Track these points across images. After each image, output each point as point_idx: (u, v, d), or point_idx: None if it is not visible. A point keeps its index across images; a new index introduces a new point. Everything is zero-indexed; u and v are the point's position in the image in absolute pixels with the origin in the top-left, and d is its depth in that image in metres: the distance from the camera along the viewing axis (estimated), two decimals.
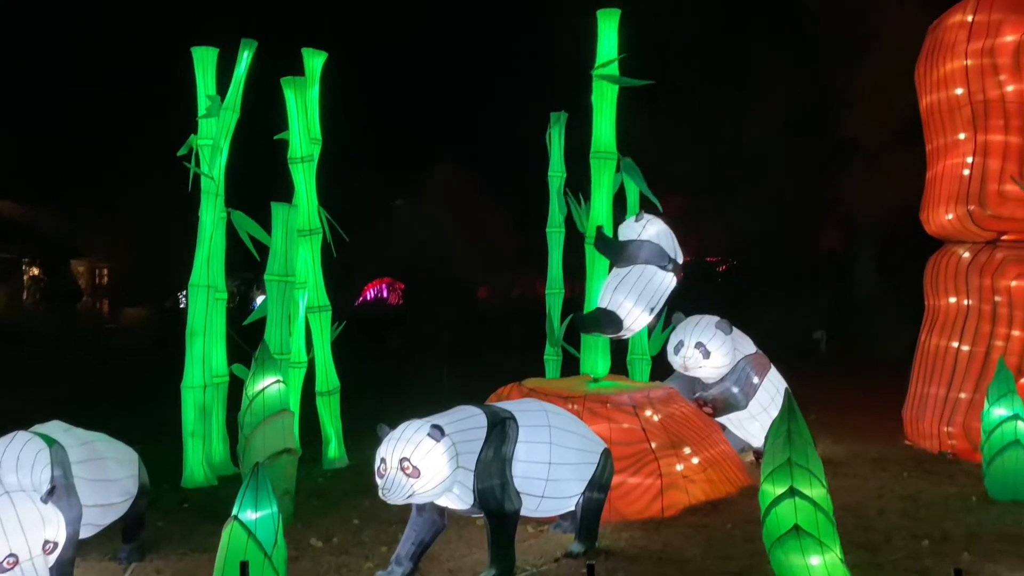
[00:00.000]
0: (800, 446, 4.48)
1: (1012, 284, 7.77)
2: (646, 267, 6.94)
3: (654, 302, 6.98)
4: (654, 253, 6.96)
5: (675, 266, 7.04)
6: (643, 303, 6.92)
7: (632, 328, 7.13)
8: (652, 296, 6.95)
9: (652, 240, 6.98)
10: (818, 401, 10.56)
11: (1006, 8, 7.74)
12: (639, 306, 6.94)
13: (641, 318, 7.00)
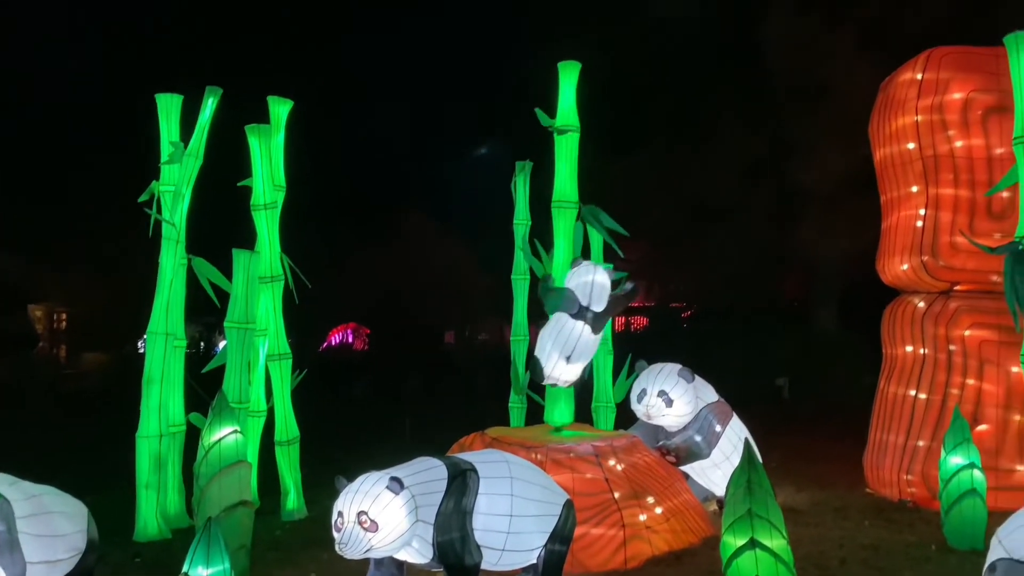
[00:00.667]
0: (760, 497, 4.49)
1: (966, 333, 7.93)
2: (559, 315, 6.88)
3: (568, 351, 6.81)
4: (568, 301, 6.87)
5: (590, 315, 6.84)
6: (558, 351, 6.81)
7: (555, 376, 6.93)
8: (565, 344, 6.81)
9: (570, 287, 6.93)
10: (781, 448, 10.60)
11: (953, 67, 8.03)
12: (555, 354, 6.82)
13: (559, 366, 6.83)
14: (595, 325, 6.89)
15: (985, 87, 7.87)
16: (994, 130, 7.81)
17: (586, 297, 6.88)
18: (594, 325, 6.88)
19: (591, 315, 6.85)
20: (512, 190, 8.69)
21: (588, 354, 6.98)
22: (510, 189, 8.70)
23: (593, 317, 6.87)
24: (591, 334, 6.89)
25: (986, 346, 7.81)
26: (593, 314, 6.86)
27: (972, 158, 7.92)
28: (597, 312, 6.88)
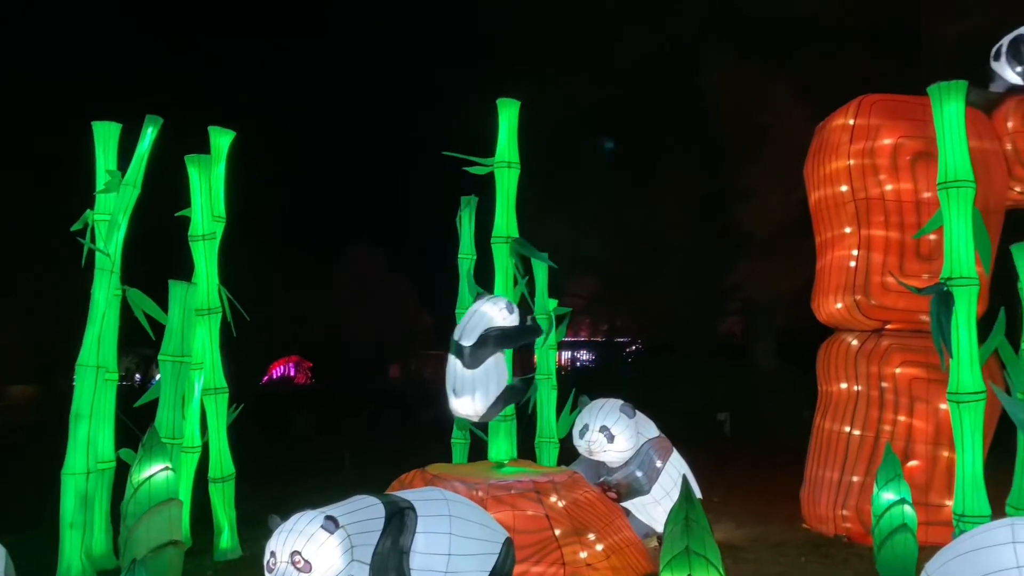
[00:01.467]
0: (698, 534, 4.51)
1: (897, 371, 8.15)
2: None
3: (449, 384, 6.79)
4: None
5: (458, 349, 6.74)
6: (447, 385, 6.83)
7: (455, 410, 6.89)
8: (446, 378, 6.83)
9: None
10: (721, 484, 10.71)
11: (883, 114, 8.35)
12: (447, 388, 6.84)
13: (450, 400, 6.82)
14: (466, 359, 6.66)
15: (913, 134, 8.20)
16: (921, 175, 8.11)
17: (458, 332, 6.80)
18: (465, 359, 6.66)
19: (460, 349, 6.71)
20: (457, 224, 8.73)
21: (472, 388, 6.71)
22: (456, 223, 8.73)
23: (462, 351, 6.68)
24: (463, 368, 6.71)
25: (916, 384, 8.03)
26: (460, 347, 6.71)
27: (901, 201, 8.21)
28: (465, 345, 6.70)
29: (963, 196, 5.78)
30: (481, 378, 6.69)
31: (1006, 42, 8.71)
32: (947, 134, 5.94)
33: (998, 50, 8.78)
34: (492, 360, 6.69)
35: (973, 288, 5.71)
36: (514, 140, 7.75)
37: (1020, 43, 8.56)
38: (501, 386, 6.73)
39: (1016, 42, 8.60)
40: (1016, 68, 8.60)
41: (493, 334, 6.68)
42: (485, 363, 6.65)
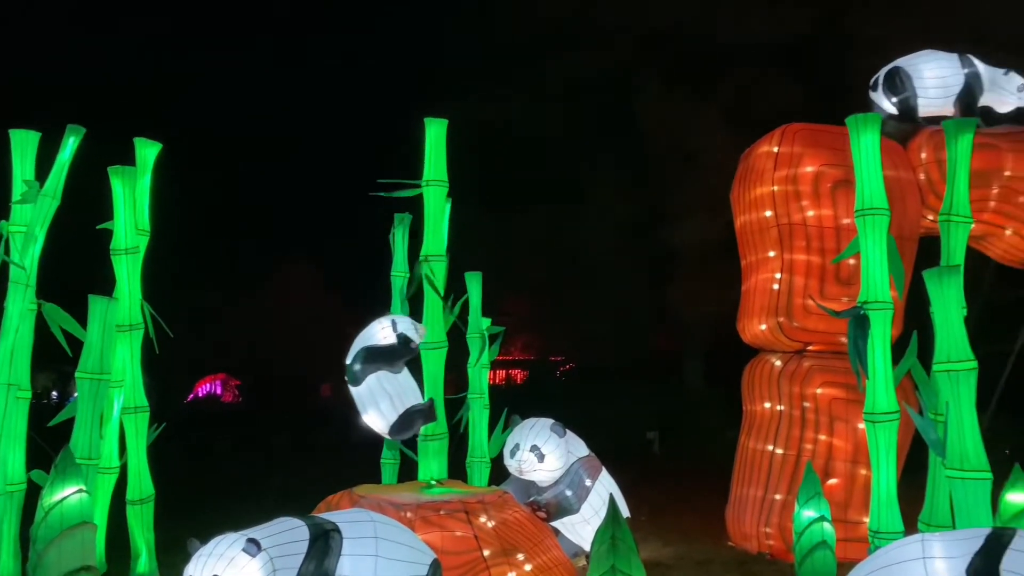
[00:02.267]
0: (624, 553, 4.57)
1: (818, 391, 8.40)
2: None
3: None
4: None
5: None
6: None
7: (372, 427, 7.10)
8: None
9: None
10: (649, 502, 10.85)
11: (806, 142, 8.66)
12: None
13: None
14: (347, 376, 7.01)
15: (833, 162, 8.51)
16: (841, 202, 8.42)
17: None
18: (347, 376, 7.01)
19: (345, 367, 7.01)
20: (391, 241, 8.69)
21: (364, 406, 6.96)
22: (389, 240, 8.69)
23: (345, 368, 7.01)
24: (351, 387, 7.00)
25: (836, 404, 8.29)
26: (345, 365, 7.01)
27: (822, 227, 8.50)
28: (346, 363, 7.01)
29: (878, 223, 6.03)
30: (367, 395, 6.85)
31: (882, 74, 9.18)
32: (863, 164, 6.19)
33: (875, 81, 9.24)
34: (374, 378, 6.82)
35: (888, 312, 5.94)
36: (442, 159, 7.75)
37: (895, 75, 9.04)
38: (399, 404, 6.84)
39: (891, 74, 9.07)
40: (892, 99, 9.05)
41: (363, 352, 6.87)
42: (367, 381, 6.81)
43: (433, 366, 7.53)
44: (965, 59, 9.07)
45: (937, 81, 8.92)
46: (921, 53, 9.16)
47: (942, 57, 9.06)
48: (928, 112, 9.02)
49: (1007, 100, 9.19)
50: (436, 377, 7.47)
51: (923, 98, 8.96)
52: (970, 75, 8.92)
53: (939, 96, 8.95)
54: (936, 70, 8.95)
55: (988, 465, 5.44)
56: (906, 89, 9.01)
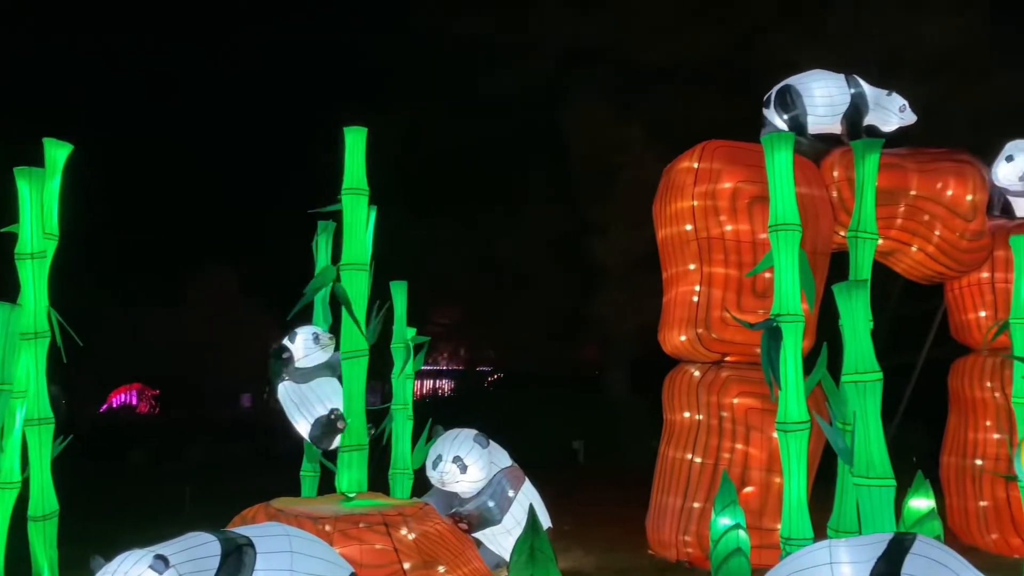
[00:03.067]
0: (542, 563, 4.58)
1: (735, 401, 8.61)
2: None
3: None
4: None
5: None
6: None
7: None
8: None
9: None
10: (573, 512, 10.92)
11: (724, 159, 8.90)
12: None
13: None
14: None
15: (750, 179, 8.76)
16: (758, 217, 8.67)
17: None
18: None
19: None
20: (314, 249, 8.55)
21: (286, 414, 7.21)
22: (312, 248, 8.55)
23: None
24: None
25: (752, 413, 8.51)
26: None
27: (740, 241, 8.74)
28: None
29: (790, 239, 6.22)
30: (286, 404, 7.10)
31: (775, 92, 9.57)
32: (777, 181, 6.38)
33: (768, 99, 9.62)
34: (281, 387, 7.08)
35: (799, 324, 6.13)
36: (361, 167, 7.66)
37: (786, 93, 9.44)
38: (307, 414, 7.01)
39: (783, 92, 9.47)
40: (783, 116, 9.44)
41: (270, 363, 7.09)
42: (279, 391, 7.04)
43: (352, 376, 7.42)
44: (852, 79, 9.51)
45: (825, 100, 9.33)
46: (811, 72, 9.57)
47: (830, 77, 9.48)
48: (817, 129, 9.43)
49: (890, 120, 9.69)
50: (355, 387, 7.36)
51: (812, 115, 9.35)
52: (856, 95, 9.36)
53: (827, 114, 9.37)
54: (824, 89, 9.36)
55: (892, 472, 5.64)
56: (796, 107, 9.38)
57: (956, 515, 9.82)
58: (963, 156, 9.64)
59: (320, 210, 7.71)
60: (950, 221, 9.39)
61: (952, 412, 10.16)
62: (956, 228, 9.42)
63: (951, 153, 9.64)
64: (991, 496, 9.28)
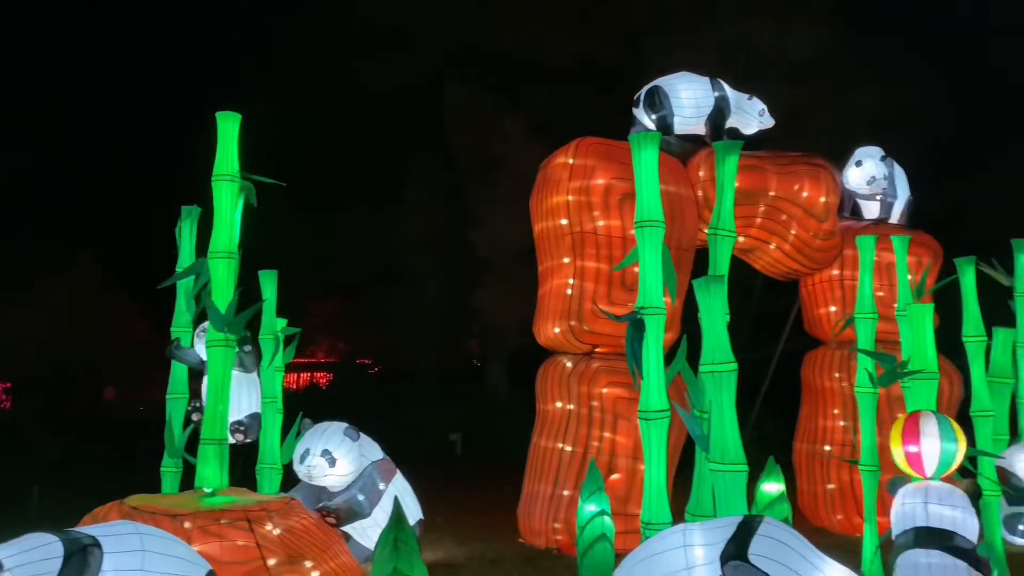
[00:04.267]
0: (406, 555, 4.56)
1: (604, 391, 8.85)
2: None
3: None
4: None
5: None
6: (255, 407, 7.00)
7: None
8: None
9: None
10: (448, 503, 10.97)
11: (598, 156, 9.11)
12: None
13: None
14: None
15: (622, 176, 9.01)
16: (628, 213, 8.92)
17: None
18: None
19: None
20: (177, 236, 8.19)
21: None
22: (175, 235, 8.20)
23: None
24: None
25: (619, 402, 8.77)
26: None
27: (611, 236, 8.97)
28: None
29: (654, 235, 6.42)
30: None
31: (644, 92, 9.95)
32: (643, 178, 6.57)
33: (638, 98, 9.99)
34: None
35: (661, 317, 6.34)
36: (233, 154, 7.41)
37: (655, 93, 9.83)
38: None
39: (651, 92, 9.85)
40: (651, 116, 9.83)
41: None
42: None
43: (216, 366, 7.16)
44: (716, 83, 9.96)
45: (691, 102, 9.74)
46: (678, 75, 9.95)
47: (696, 79, 9.90)
48: (683, 130, 9.83)
49: (750, 123, 10.22)
50: (219, 379, 7.12)
51: (679, 117, 9.73)
52: (720, 98, 9.81)
53: (693, 116, 9.78)
54: (690, 91, 9.76)
55: (745, 458, 5.93)
56: (664, 107, 9.75)
57: (806, 498, 10.47)
58: (818, 160, 10.24)
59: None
60: (805, 221, 9.97)
61: (804, 401, 10.82)
62: (810, 228, 10.00)
63: (807, 157, 10.22)
64: (837, 479, 9.94)
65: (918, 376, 7.45)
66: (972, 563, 5.23)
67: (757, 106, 10.17)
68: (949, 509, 5.40)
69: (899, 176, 10.75)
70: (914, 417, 5.86)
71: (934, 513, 5.41)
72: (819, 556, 4.69)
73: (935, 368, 7.47)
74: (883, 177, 10.36)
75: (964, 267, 8.20)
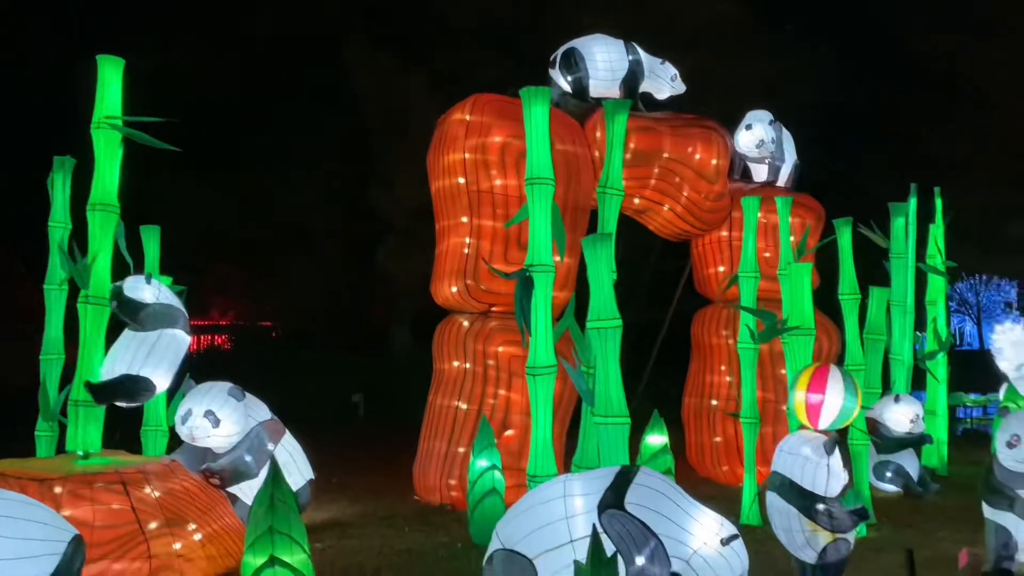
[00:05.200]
0: (283, 513, 4.49)
1: (499, 349, 8.88)
2: (172, 331, 6.67)
3: (176, 366, 6.74)
4: (181, 317, 6.79)
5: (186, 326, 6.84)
6: (168, 367, 6.64)
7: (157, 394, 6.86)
8: (175, 360, 6.72)
9: (175, 304, 6.73)
10: (346, 464, 10.90)
11: (494, 113, 9.01)
12: (165, 370, 6.62)
13: (163, 383, 6.71)
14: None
15: (519, 134, 8.85)
16: (524, 172, 8.90)
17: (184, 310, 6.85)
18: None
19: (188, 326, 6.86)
20: (49, 188, 7.73)
21: None
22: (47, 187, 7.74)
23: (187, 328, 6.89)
24: None
25: (515, 361, 8.82)
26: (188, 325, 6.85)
27: (507, 195, 8.94)
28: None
29: (544, 192, 6.44)
30: None
31: (560, 53, 9.97)
32: (533, 135, 6.56)
33: (554, 59, 10.00)
34: None
35: (550, 274, 6.39)
36: (116, 99, 7.03)
37: (571, 55, 9.86)
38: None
39: (567, 54, 9.88)
40: (567, 77, 9.87)
41: None
42: None
43: (93, 324, 6.84)
44: (630, 46, 10.01)
45: (606, 64, 9.76)
46: (593, 36, 9.95)
47: (611, 42, 9.92)
48: (597, 92, 9.85)
49: (663, 87, 10.34)
50: (94, 336, 6.81)
51: (594, 79, 9.76)
52: (634, 62, 9.87)
53: (607, 78, 9.82)
54: (605, 54, 9.78)
55: (628, 412, 6.08)
56: (579, 69, 9.76)
57: (694, 451, 10.86)
58: (710, 123, 10.45)
59: None
60: (696, 183, 10.19)
61: (693, 358, 11.16)
62: (701, 190, 10.23)
63: (700, 120, 10.42)
64: (723, 432, 10.34)
65: (796, 332, 7.78)
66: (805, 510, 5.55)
67: (669, 71, 10.29)
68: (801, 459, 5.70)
69: (787, 140, 11.09)
70: (823, 369, 6.00)
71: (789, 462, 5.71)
72: (692, 503, 4.87)
73: (812, 325, 7.81)
74: (771, 141, 10.67)
75: (841, 228, 8.56)
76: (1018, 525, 6.19)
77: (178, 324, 6.75)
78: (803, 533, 5.60)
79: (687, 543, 4.67)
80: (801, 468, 5.61)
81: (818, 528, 5.58)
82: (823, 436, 5.71)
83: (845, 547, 5.64)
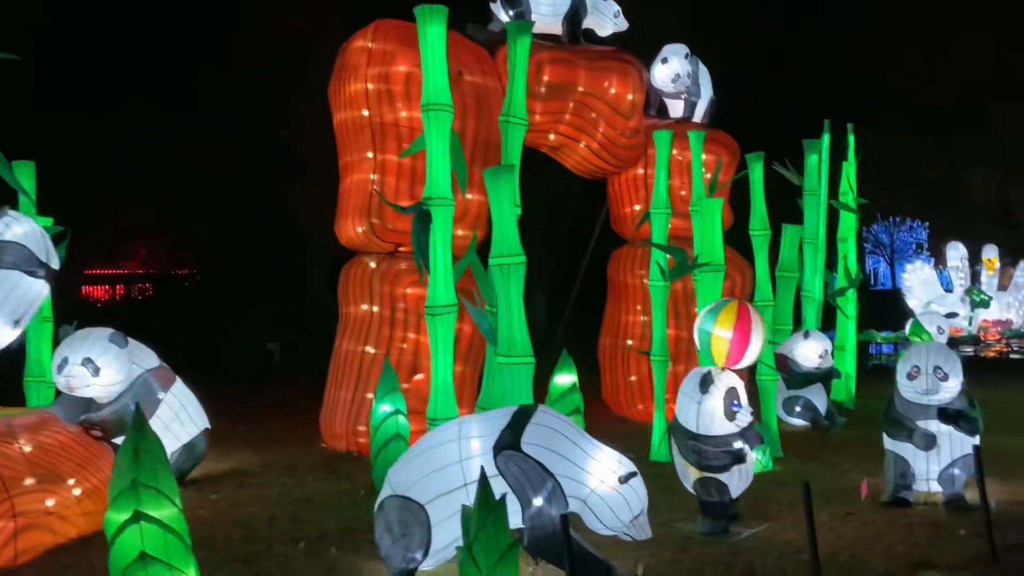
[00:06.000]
0: (149, 464, 4.12)
1: (408, 291, 8.54)
2: (11, 273, 5.90)
3: (19, 313, 5.93)
4: (23, 257, 5.95)
5: (48, 272, 6.09)
6: (7, 314, 5.86)
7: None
8: (19, 306, 5.91)
9: (19, 242, 5.98)
10: (255, 412, 10.52)
11: (398, 40, 8.49)
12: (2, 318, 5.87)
13: (4, 332, 5.92)
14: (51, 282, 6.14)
15: None
16: None
17: (45, 253, 6.00)
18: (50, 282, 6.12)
19: (51, 272, 6.05)
20: None
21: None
22: None
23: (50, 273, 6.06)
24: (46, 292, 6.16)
25: (423, 303, 8.50)
26: (51, 270, 6.04)
27: (413, 128, 8.44)
28: (54, 268, 6.08)
29: (442, 119, 6.08)
30: None
31: None
32: (429, 57, 6.17)
33: None
34: None
35: (449, 208, 6.07)
36: None
37: None
38: None
39: None
40: (509, 12, 9.44)
41: None
42: None
43: None
44: None
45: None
46: None
47: None
48: (540, 29, 9.40)
49: (605, 25, 10.07)
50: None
51: (536, 14, 9.35)
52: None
53: (549, 14, 9.48)
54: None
55: (532, 351, 5.87)
56: (521, 4, 9.35)
57: (609, 390, 10.82)
58: (627, 56, 10.14)
59: None
60: (612, 119, 9.92)
61: (609, 299, 11.04)
62: (617, 126, 9.97)
63: (616, 52, 10.10)
64: (637, 371, 10.29)
65: (707, 269, 7.68)
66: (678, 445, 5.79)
67: (612, 7, 10.03)
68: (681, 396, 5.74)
69: (703, 75, 10.89)
70: (746, 307, 5.89)
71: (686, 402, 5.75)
72: (591, 442, 4.70)
73: (722, 261, 7.71)
74: (687, 75, 10.44)
75: (753, 163, 8.45)
76: (916, 455, 6.27)
77: (30, 267, 5.94)
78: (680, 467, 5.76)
79: (584, 482, 4.52)
80: (680, 405, 5.72)
81: (688, 464, 5.68)
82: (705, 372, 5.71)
83: (716, 488, 5.61)
